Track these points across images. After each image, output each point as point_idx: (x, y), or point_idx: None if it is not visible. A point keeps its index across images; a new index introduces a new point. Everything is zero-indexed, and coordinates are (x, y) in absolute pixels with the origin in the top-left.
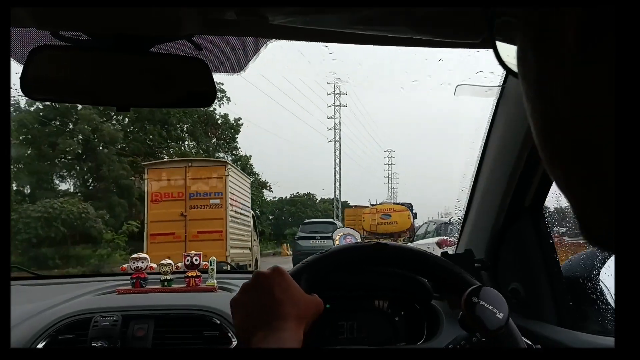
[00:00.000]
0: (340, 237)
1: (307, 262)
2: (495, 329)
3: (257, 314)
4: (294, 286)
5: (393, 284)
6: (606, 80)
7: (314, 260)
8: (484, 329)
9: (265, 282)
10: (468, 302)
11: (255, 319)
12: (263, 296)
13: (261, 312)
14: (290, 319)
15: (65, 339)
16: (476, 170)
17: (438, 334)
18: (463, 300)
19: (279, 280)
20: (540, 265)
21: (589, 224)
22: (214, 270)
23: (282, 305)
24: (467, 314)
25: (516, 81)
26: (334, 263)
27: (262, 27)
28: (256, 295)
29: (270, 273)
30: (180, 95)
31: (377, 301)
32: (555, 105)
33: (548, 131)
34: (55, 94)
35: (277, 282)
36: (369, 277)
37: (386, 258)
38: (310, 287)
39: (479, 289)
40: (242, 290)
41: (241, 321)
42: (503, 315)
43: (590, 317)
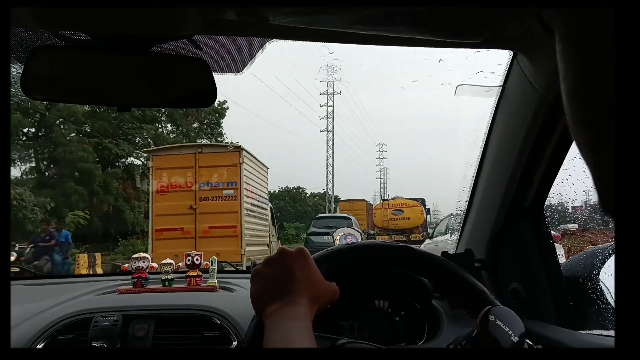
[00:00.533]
0: (341, 237)
1: (331, 250)
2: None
3: (275, 287)
4: (314, 269)
5: (393, 284)
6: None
7: (338, 250)
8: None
9: (288, 258)
10: (484, 319)
11: (272, 291)
12: (283, 271)
13: (279, 286)
14: (305, 296)
15: (66, 339)
16: (476, 170)
17: (439, 334)
18: (480, 316)
19: (302, 260)
20: (540, 265)
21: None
22: (214, 270)
23: (299, 283)
24: (482, 331)
25: (517, 81)
26: (357, 257)
27: (262, 27)
28: (277, 270)
29: (294, 252)
30: (180, 95)
31: (377, 301)
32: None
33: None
34: (55, 94)
35: (299, 261)
36: (373, 276)
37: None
38: (329, 275)
39: (498, 309)
40: (265, 262)
41: (258, 291)
42: (518, 339)
43: (591, 317)
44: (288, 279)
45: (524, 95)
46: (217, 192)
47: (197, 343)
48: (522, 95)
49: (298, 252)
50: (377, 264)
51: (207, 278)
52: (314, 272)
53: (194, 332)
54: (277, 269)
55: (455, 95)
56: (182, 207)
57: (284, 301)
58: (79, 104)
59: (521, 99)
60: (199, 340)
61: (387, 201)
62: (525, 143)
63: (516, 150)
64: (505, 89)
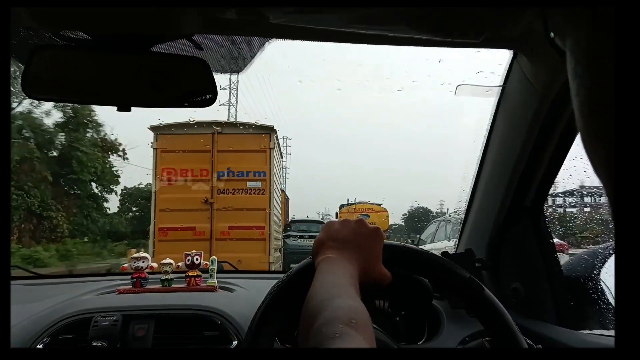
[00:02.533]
0: None
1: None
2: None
3: (339, 241)
4: (379, 249)
5: (393, 284)
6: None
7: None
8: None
9: (363, 228)
10: None
11: (336, 243)
12: (354, 235)
13: (343, 243)
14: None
15: (66, 338)
16: (477, 170)
17: (439, 334)
18: None
19: (374, 237)
20: (540, 265)
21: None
22: (214, 269)
23: (361, 251)
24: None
25: (517, 81)
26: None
27: (262, 27)
28: (350, 231)
29: (372, 228)
30: (181, 95)
31: (377, 301)
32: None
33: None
34: (55, 94)
35: (371, 236)
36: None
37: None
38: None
39: None
40: (341, 221)
41: (323, 238)
42: None
43: (591, 317)
44: (354, 244)
45: (524, 95)
46: (240, 184)
47: (197, 343)
48: (522, 95)
49: (375, 230)
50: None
51: (206, 278)
52: (377, 251)
53: (194, 332)
54: (349, 231)
55: (455, 95)
56: (194, 201)
57: (341, 254)
58: (79, 103)
59: (521, 99)
60: (199, 340)
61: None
62: (525, 143)
63: (516, 150)
64: (505, 89)
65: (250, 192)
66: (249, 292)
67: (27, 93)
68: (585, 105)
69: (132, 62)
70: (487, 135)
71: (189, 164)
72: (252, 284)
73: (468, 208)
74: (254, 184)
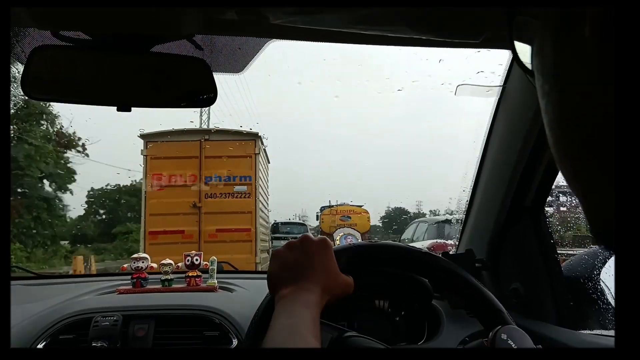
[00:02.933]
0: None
1: (354, 245)
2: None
3: (291, 271)
4: (332, 260)
5: (393, 284)
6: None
7: (361, 246)
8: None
9: (309, 246)
10: (498, 337)
11: (288, 274)
12: (303, 257)
13: (296, 270)
14: (319, 285)
15: (66, 339)
16: (477, 170)
17: (439, 334)
18: (493, 333)
19: (323, 250)
20: (540, 265)
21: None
22: (214, 270)
23: (316, 272)
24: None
25: (517, 81)
26: (378, 258)
27: (262, 27)
28: (297, 254)
29: (317, 241)
30: (181, 95)
31: (377, 301)
32: (572, 97)
33: (562, 125)
34: (55, 94)
35: (320, 250)
36: (373, 276)
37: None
38: (347, 268)
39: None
40: (286, 246)
41: (275, 272)
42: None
43: (591, 317)
44: (306, 266)
45: (524, 95)
46: (227, 188)
47: (197, 343)
48: (522, 95)
49: (321, 242)
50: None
51: (206, 278)
52: (332, 263)
53: (194, 332)
54: (297, 254)
55: (455, 95)
56: (183, 205)
57: (298, 286)
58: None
59: (521, 99)
60: (199, 340)
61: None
62: (525, 143)
63: (516, 150)
64: (505, 89)
65: (236, 196)
66: (249, 292)
67: (27, 93)
68: (555, 122)
69: (132, 62)
70: (487, 135)
71: (177, 170)
72: (252, 284)
73: (468, 208)
74: (240, 188)
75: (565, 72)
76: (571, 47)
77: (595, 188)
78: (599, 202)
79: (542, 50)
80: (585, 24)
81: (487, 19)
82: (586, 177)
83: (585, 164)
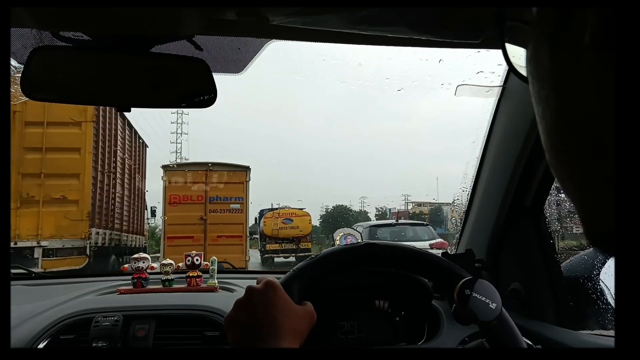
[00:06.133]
0: (341, 237)
1: (297, 269)
2: (489, 320)
3: (252, 332)
4: (286, 300)
5: (393, 284)
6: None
7: (304, 267)
8: (477, 320)
9: (258, 298)
10: (461, 294)
11: (251, 337)
12: (257, 313)
13: (256, 330)
14: (286, 334)
15: (66, 339)
16: (477, 170)
17: (439, 334)
18: (456, 292)
19: (271, 295)
20: (540, 265)
21: (593, 226)
22: (215, 270)
23: (277, 322)
24: (460, 307)
25: (517, 81)
26: (326, 267)
27: (262, 28)
28: (250, 313)
29: (263, 288)
30: (180, 96)
31: (377, 301)
32: (571, 103)
33: (560, 131)
34: (55, 94)
35: (268, 297)
36: (362, 277)
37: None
38: (302, 295)
39: (471, 281)
40: (235, 307)
41: (236, 339)
42: (496, 306)
43: (591, 317)
44: (264, 320)
45: (524, 95)
46: (225, 206)
47: (198, 343)
48: (522, 95)
49: (267, 287)
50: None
51: (207, 278)
52: (286, 303)
53: (194, 332)
54: (250, 312)
55: (455, 95)
56: (193, 218)
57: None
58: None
59: (521, 99)
60: (200, 340)
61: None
62: (525, 143)
63: (516, 150)
64: (505, 89)
65: (232, 211)
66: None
67: (27, 93)
68: (552, 128)
69: (132, 63)
70: (487, 135)
71: (189, 192)
72: None
73: (468, 208)
74: (235, 206)
75: (563, 79)
76: (569, 54)
77: (591, 193)
78: (595, 208)
79: (537, 55)
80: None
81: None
82: (582, 183)
83: (582, 170)
